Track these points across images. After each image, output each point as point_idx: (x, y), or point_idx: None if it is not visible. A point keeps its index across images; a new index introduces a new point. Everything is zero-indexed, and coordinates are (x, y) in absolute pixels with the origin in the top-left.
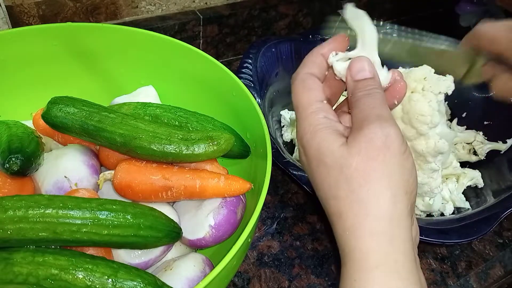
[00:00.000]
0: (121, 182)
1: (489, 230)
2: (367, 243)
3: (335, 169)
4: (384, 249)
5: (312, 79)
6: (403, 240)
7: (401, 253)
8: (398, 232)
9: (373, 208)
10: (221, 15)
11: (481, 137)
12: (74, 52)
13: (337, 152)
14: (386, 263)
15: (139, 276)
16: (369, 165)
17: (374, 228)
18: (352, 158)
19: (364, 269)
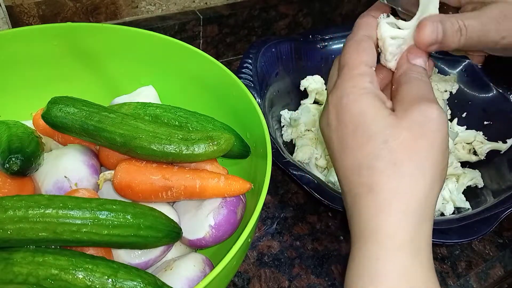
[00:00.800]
0: (121, 182)
1: (489, 230)
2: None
3: (379, 138)
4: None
5: (368, 42)
6: (429, 225)
7: (425, 237)
8: (428, 215)
9: (414, 184)
10: (221, 15)
11: (481, 137)
12: (74, 52)
13: (385, 121)
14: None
15: (139, 276)
16: (418, 143)
17: (409, 206)
18: (401, 131)
19: (387, 248)
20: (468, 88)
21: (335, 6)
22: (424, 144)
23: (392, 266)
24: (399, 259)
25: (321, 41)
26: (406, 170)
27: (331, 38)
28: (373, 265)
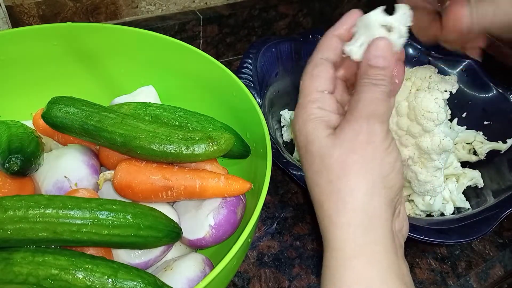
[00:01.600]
0: (121, 182)
1: (489, 230)
2: (343, 233)
3: (318, 158)
4: (360, 239)
5: (322, 66)
6: (381, 232)
7: (378, 243)
8: (375, 224)
9: (349, 199)
10: (221, 15)
11: (481, 137)
12: (74, 52)
13: (323, 141)
14: (363, 253)
15: (139, 276)
16: (349, 158)
17: (350, 219)
18: (334, 149)
19: (341, 258)
20: (468, 88)
21: (335, 6)
22: (355, 158)
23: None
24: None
25: None
26: (341, 186)
27: None
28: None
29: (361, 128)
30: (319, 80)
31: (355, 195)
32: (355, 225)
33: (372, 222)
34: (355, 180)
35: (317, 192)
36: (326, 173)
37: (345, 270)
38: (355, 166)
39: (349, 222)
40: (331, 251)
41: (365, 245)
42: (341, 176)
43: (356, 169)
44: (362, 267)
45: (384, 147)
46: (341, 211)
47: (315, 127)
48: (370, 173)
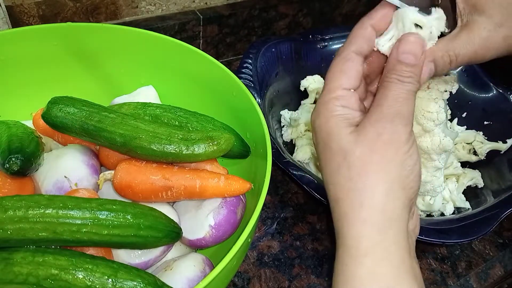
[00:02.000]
0: (121, 182)
1: (489, 230)
2: (359, 231)
3: (339, 155)
4: (375, 238)
5: (353, 61)
6: (396, 231)
7: (393, 243)
8: (390, 224)
9: (367, 198)
10: (221, 15)
11: (481, 137)
12: (74, 52)
13: (345, 139)
14: (376, 251)
15: (139, 276)
16: (371, 157)
17: (366, 217)
18: (356, 146)
19: (355, 255)
20: (468, 88)
21: (335, 6)
22: (376, 158)
23: (360, 271)
24: (365, 266)
25: (321, 41)
26: (360, 185)
27: (331, 38)
28: (344, 270)
29: (384, 129)
30: (346, 76)
31: (373, 194)
32: (371, 223)
33: (388, 222)
34: (375, 179)
35: (334, 189)
36: (347, 170)
37: (359, 266)
38: (375, 166)
39: (366, 220)
40: (345, 248)
41: (380, 243)
42: (362, 174)
43: (376, 168)
44: (376, 264)
45: (405, 149)
46: (358, 209)
47: (337, 124)
48: (389, 174)
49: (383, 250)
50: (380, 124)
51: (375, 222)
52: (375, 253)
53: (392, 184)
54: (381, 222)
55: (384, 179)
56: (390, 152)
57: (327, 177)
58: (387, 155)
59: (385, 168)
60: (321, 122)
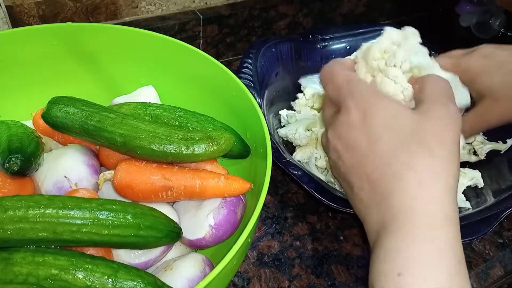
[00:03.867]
0: (121, 182)
1: (489, 230)
2: (439, 198)
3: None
4: (451, 207)
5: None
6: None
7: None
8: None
9: (449, 167)
10: (221, 15)
11: (481, 137)
12: (74, 52)
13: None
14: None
15: (139, 276)
16: (445, 132)
17: (447, 185)
18: (430, 121)
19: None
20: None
21: (335, 6)
22: (450, 134)
23: (439, 233)
24: (442, 235)
25: (321, 41)
26: (439, 152)
27: (331, 38)
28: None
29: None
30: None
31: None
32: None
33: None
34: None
35: (406, 155)
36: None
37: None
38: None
39: (445, 188)
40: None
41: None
42: (440, 143)
43: (451, 143)
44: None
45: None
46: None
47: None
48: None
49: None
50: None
51: (451, 192)
52: (449, 225)
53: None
54: (454, 193)
55: (456, 153)
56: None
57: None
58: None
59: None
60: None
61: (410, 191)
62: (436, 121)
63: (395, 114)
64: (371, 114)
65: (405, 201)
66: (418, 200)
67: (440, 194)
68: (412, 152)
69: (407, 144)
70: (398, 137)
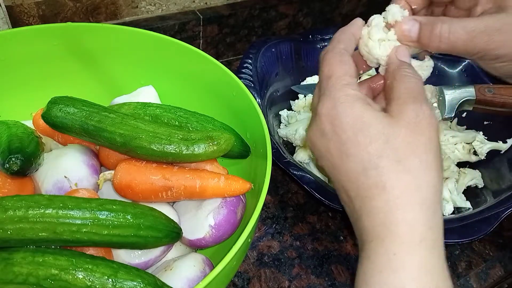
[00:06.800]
0: (121, 182)
1: (489, 230)
2: (415, 214)
3: (381, 138)
4: (430, 222)
5: (348, 56)
6: (441, 215)
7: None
8: (439, 207)
9: (422, 179)
10: (221, 15)
11: (481, 137)
12: (74, 52)
13: (383, 121)
14: (429, 238)
15: (139, 276)
16: (417, 139)
17: (423, 199)
18: (400, 129)
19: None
20: None
21: (335, 6)
22: (423, 139)
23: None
24: (418, 252)
25: (321, 41)
26: (412, 166)
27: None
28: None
29: (423, 111)
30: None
31: (430, 174)
32: (427, 205)
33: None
34: (426, 159)
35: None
36: (392, 153)
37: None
38: (424, 146)
39: (423, 203)
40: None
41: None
42: (411, 155)
43: (425, 149)
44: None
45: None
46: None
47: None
48: (435, 155)
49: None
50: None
51: (429, 206)
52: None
53: (438, 165)
54: (435, 203)
55: (433, 159)
56: (433, 135)
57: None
58: (431, 137)
59: (431, 148)
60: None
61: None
62: (406, 128)
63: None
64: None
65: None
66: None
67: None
68: (382, 169)
69: (376, 160)
70: (367, 153)
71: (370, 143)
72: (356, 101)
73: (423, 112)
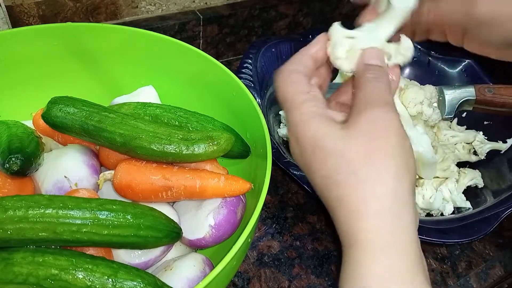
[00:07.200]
0: (121, 182)
1: (489, 230)
2: (374, 222)
3: (334, 152)
4: (391, 227)
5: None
6: (409, 220)
7: (406, 232)
8: (404, 211)
9: (378, 186)
10: (221, 15)
11: (481, 137)
12: (74, 52)
13: (336, 135)
14: (392, 243)
15: (139, 276)
16: (372, 145)
17: (381, 206)
18: (353, 139)
19: (370, 250)
20: None
21: (335, 6)
22: (377, 144)
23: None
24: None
25: None
26: (366, 175)
27: None
28: (358, 269)
29: (378, 116)
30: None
31: (383, 180)
32: (386, 212)
33: (401, 208)
34: (381, 165)
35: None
36: (346, 166)
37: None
38: (378, 153)
39: (380, 210)
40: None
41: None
42: (365, 164)
43: (380, 155)
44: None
45: (402, 132)
46: (370, 200)
47: (322, 123)
48: (395, 158)
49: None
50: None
51: (389, 210)
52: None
53: (399, 168)
54: (395, 209)
55: (391, 164)
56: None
57: (324, 179)
58: (389, 140)
59: (390, 152)
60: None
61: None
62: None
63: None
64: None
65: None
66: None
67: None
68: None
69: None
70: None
71: (327, 159)
72: (312, 119)
73: (378, 116)
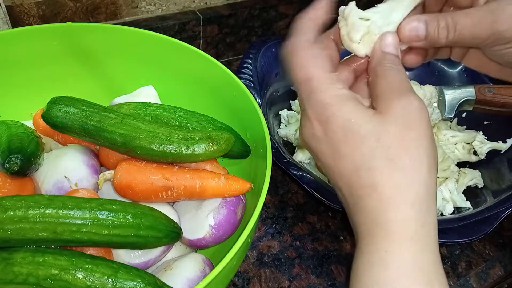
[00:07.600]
0: (121, 182)
1: (489, 230)
2: (407, 212)
3: (371, 138)
4: (422, 219)
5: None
6: (435, 213)
7: (433, 224)
8: (432, 202)
9: (416, 176)
10: (221, 15)
11: (481, 137)
12: (74, 52)
13: (372, 120)
14: (421, 234)
15: (139, 276)
16: (407, 135)
17: (415, 198)
18: (389, 126)
19: (398, 239)
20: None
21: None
22: (413, 134)
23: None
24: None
25: None
26: (403, 163)
27: None
28: (384, 257)
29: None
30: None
31: (420, 170)
32: (420, 202)
33: (431, 201)
34: (418, 156)
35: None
36: (383, 152)
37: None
38: (414, 143)
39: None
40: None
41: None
42: (403, 153)
43: (416, 145)
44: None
45: (430, 125)
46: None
47: (355, 107)
48: (427, 150)
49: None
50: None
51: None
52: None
53: (430, 159)
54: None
55: (425, 154)
56: (424, 128)
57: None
58: (422, 131)
59: (424, 143)
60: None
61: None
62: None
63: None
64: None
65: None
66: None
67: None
68: (375, 168)
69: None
70: (360, 153)
71: (362, 144)
72: (345, 102)
73: (411, 104)
